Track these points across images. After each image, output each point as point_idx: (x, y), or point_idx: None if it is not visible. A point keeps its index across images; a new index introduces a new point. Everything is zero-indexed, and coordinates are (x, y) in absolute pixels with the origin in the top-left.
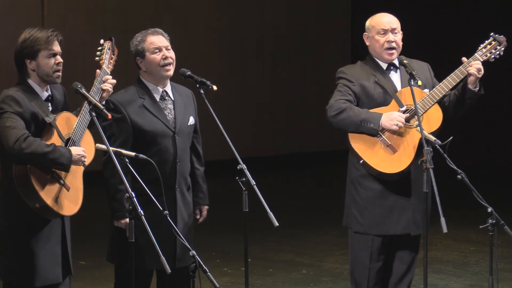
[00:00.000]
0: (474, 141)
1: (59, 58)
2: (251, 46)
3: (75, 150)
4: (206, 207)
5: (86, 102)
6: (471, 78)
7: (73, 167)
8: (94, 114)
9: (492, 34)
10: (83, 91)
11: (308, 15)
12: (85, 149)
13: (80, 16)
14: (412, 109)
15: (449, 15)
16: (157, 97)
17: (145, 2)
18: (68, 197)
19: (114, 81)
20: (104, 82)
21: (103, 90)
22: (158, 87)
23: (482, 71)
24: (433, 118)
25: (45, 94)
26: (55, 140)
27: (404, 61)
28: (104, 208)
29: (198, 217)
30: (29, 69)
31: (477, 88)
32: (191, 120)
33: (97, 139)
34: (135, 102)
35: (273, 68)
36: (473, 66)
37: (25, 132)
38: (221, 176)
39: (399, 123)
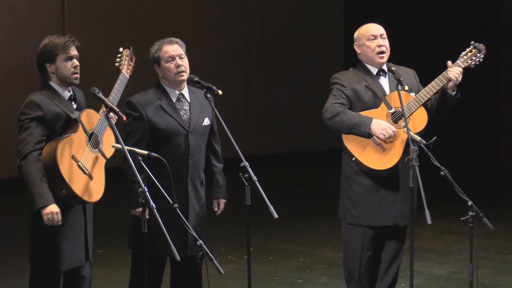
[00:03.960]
0: (456, 141)
1: (75, 62)
2: (253, 54)
3: (52, 208)
4: (224, 200)
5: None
6: (450, 83)
7: (98, 158)
8: (110, 116)
9: (472, 42)
10: (100, 95)
11: (306, 26)
12: (107, 144)
13: (97, 27)
14: (399, 111)
15: (433, 26)
16: (174, 99)
17: (154, 14)
18: (92, 186)
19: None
20: (123, 85)
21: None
22: (175, 90)
23: (461, 77)
24: (418, 120)
25: (67, 94)
26: (80, 133)
27: (392, 68)
28: (121, 203)
29: (216, 209)
30: (49, 72)
31: (455, 92)
32: (206, 121)
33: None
34: (153, 103)
35: (273, 74)
36: (453, 71)
37: (32, 149)
38: (225, 173)
39: (387, 134)
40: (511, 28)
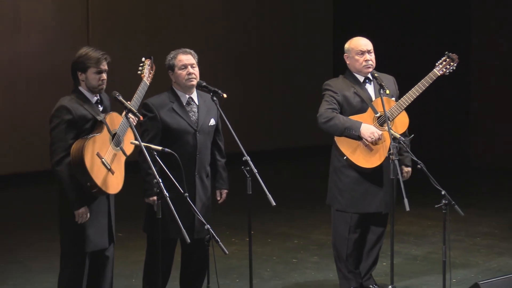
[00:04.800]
0: (430, 137)
1: (104, 76)
2: (252, 61)
3: (82, 210)
4: (226, 191)
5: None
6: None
7: (117, 155)
8: (129, 116)
9: (446, 52)
10: (120, 98)
11: (299, 35)
12: (127, 142)
13: (117, 38)
14: (384, 115)
15: (412, 37)
16: (184, 102)
17: (168, 26)
18: (113, 179)
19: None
20: (144, 92)
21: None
22: (186, 95)
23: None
24: (400, 123)
25: (94, 99)
26: (105, 133)
27: (375, 75)
28: (137, 193)
29: (218, 198)
30: (80, 80)
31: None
32: (212, 121)
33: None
34: (166, 106)
35: (271, 79)
36: (406, 174)
37: (64, 154)
38: (229, 166)
39: (374, 138)
40: (481, 30)
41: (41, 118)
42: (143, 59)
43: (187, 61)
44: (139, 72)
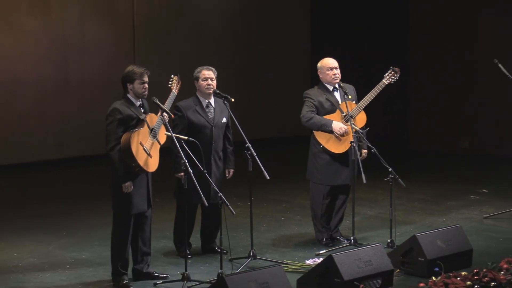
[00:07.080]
0: (378, 128)
1: (146, 86)
2: (251, 73)
3: (128, 183)
4: (232, 170)
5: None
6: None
7: (154, 144)
8: (162, 116)
9: (391, 67)
10: (157, 101)
11: (285, 54)
12: (161, 134)
13: (156, 56)
14: (347, 115)
15: (367, 54)
16: (204, 105)
17: (192, 49)
18: (151, 161)
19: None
20: (173, 99)
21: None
22: (205, 100)
23: (366, 156)
24: (360, 120)
25: (138, 103)
26: (145, 128)
27: (341, 85)
28: (169, 170)
29: (227, 175)
30: (128, 88)
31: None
32: (224, 120)
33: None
34: (191, 108)
35: (265, 87)
36: (365, 154)
37: (115, 142)
38: (236, 150)
39: (342, 131)
40: (417, 43)
41: (100, 114)
42: (172, 76)
43: (208, 75)
44: (169, 85)
